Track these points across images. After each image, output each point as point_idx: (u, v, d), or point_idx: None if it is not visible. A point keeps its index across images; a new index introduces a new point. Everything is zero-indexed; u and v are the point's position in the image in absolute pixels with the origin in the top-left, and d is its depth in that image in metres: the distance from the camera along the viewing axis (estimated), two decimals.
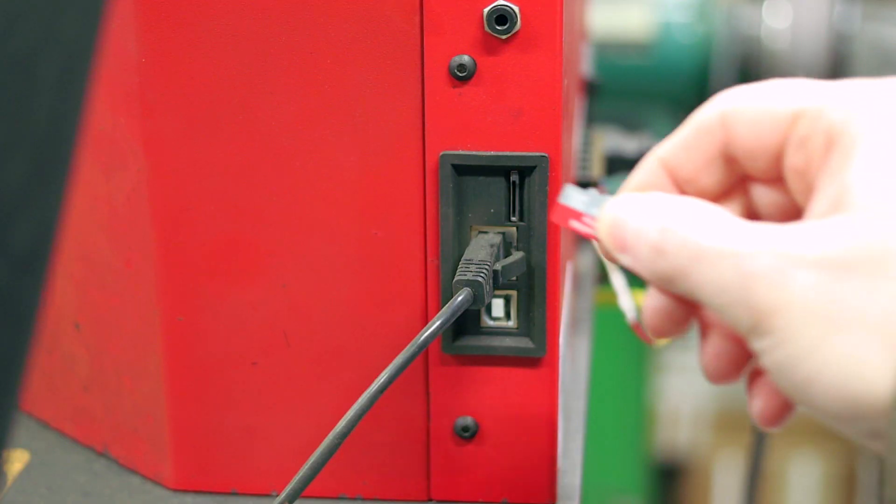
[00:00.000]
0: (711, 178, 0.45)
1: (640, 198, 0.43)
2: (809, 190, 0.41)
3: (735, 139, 0.43)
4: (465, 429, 0.54)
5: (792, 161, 0.42)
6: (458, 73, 0.49)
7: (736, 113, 0.43)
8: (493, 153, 0.50)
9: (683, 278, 0.41)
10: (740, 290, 0.39)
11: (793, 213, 0.43)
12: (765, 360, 0.40)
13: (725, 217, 0.41)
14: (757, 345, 0.40)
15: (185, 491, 0.56)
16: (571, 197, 0.45)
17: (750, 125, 0.43)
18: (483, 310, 0.52)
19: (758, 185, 0.44)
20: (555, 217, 0.45)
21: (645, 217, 0.42)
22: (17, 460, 0.59)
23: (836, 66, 2.02)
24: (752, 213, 0.45)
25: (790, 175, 0.42)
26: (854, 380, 0.38)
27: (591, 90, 0.85)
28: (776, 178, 0.43)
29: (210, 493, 0.56)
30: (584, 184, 0.70)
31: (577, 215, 0.44)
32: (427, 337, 0.48)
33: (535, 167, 0.50)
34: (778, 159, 0.43)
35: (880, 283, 0.38)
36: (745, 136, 0.43)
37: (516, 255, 0.51)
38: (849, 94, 0.41)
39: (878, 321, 0.38)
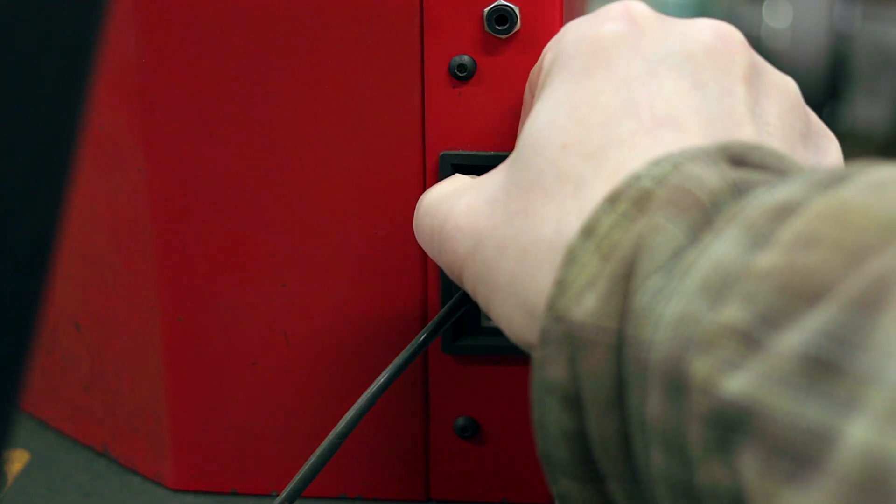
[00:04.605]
0: None
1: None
2: None
3: None
4: (465, 429, 0.53)
5: None
6: (458, 73, 0.49)
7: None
8: (493, 153, 0.50)
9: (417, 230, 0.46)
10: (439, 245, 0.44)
11: None
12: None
13: (451, 181, 0.45)
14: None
15: (185, 491, 0.56)
16: None
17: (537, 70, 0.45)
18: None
19: None
20: None
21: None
22: (17, 460, 0.59)
23: (836, 65, 2.02)
24: None
25: None
26: (511, 336, 0.40)
27: None
28: None
29: (210, 493, 0.56)
30: None
31: None
32: (427, 337, 0.48)
33: None
34: None
35: (505, 252, 0.40)
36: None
37: None
38: (560, 37, 0.42)
39: (506, 286, 0.40)
